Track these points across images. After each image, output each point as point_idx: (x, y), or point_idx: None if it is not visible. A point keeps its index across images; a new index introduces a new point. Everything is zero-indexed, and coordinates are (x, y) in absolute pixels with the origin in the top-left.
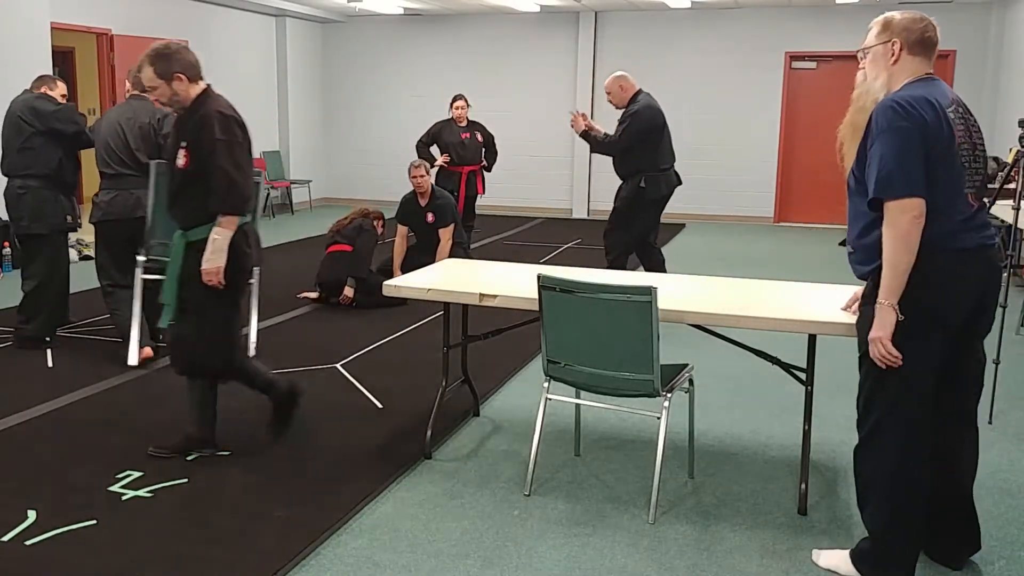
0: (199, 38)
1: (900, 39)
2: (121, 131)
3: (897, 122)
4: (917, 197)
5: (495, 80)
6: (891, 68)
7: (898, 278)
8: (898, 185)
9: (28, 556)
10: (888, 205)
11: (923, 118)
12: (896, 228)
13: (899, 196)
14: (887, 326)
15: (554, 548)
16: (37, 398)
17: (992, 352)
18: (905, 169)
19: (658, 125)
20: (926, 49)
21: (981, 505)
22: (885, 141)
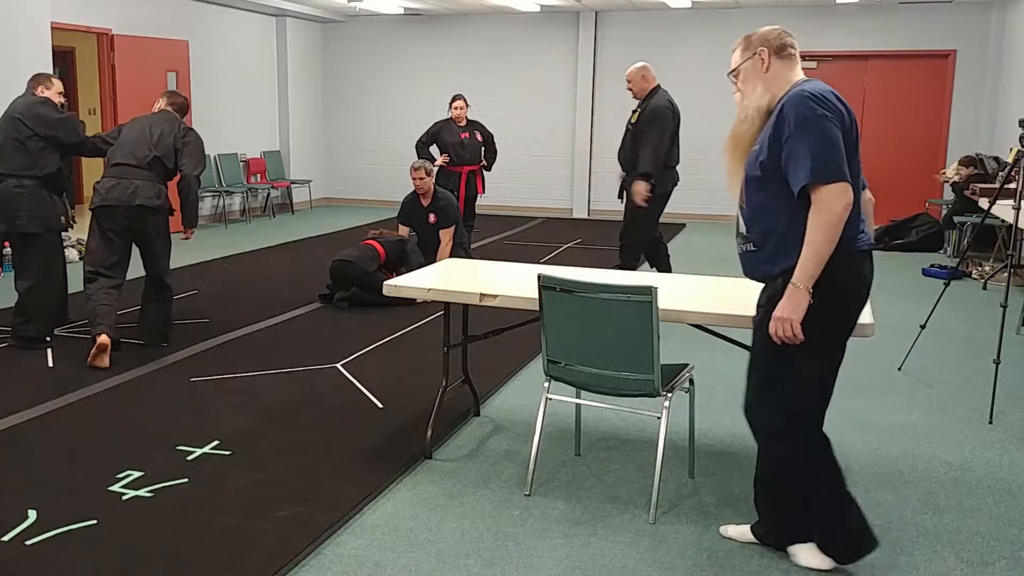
0: (199, 38)
1: (765, 47)
2: (148, 132)
3: (818, 111)
4: (848, 182)
5: (495, 80)
6: (766, 76)
7: (820, 265)
8: (832, 170)
9: (28, 556)
10: (823, 190)
11: (839, 110)
12: (831, 213)
13: (833, 180)
14: (800, 309)
15: (554, 548)
16: (37, 398)
17: (992, 352)
18: (835, 154)
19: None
20: (789, 54)
21: (981, 505)
22: (810, 130)
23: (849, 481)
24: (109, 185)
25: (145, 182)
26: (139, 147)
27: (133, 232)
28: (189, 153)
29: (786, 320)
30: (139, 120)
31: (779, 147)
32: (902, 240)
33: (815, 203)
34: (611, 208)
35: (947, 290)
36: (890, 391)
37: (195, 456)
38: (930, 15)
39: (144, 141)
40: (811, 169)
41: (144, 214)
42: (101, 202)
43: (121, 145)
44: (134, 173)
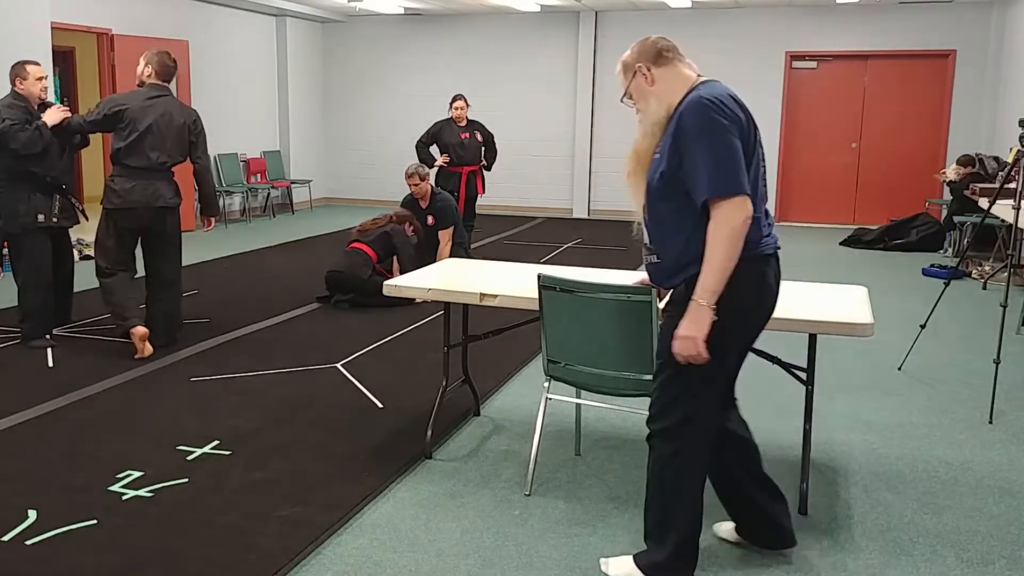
0: (199, 38)
1: (643, 62)
2: (157, 130)
3: (716, 119)
4: (746, 195)
5: (495, 80)
6: (655, 89)
7: (722, 280)
8: (731, 183)
9: (28, 556)
10: (722, 204)
11: (737, 116)
12: (730, 227)
13: (735, 193)
14: (704, 326)
15: (554, 548)
16: (37, 398)
17: (992, 351)
18: (733, 166)
19: None
20: (668, 58)
21: (981, 505)
22: (708, 139)
23: (849, 481)
24: (128, 186)
25: (164, 183)
26: (158, 150)
27: (149, 232)
28: (203, 144)
29: (688, 338)
30: (147, 113)
31: (679, 157)
32: (902, 240)
33: (714, 217)
34: (611, 208)
35: (947, 290)
36: (890, 391)
37: (195, 456)
38: (930, 15)
39: (162, 145)
40: (709, 183)
41: (164, 214)
42: (122, 204)
43: (137, 147)
44: (154, 175)
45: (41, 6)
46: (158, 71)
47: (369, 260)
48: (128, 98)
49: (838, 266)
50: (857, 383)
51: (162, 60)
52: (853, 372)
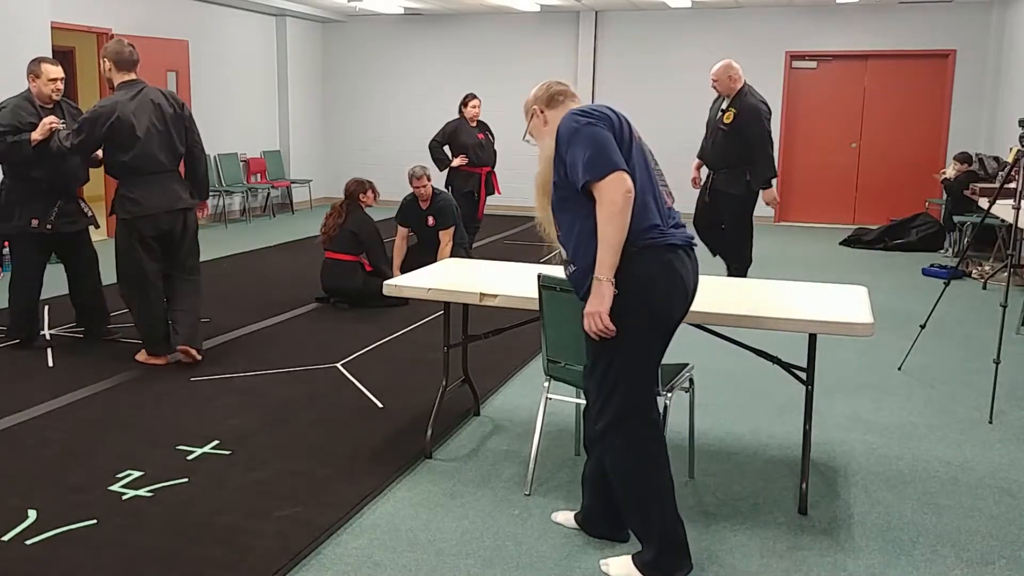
0: (199, 38)
1: (538, 105)
2: (157, 130)
3: (583, 121)
4: (623, 171)
5: (495, 80)
6: (549, 128)
7: (615, 254)
8: (605, 163)
9: (28, 556)
10: (600, 184)
11: (605, 115)
12: (612, 204)
13: (608, 172)
14: (605, 300)
15: (554, 548)
16: (37, 398)
17: (992, 351)
18: (605, 150)
19: None
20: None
21: (981, 505)
22: (579, 137)
23: (849, 481)
24: (145, 193)
25: (178, 183)
26: (164, 151)
27: (170, 237)
28: (196, 129)
29: (593, 314)
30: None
31: (563, 166)
32: (902, 240)
33: (597, 199)
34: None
35: (947, 290)
36: (890, 391)
37: (195, 456)
38: (930, 15)
39: (166, 144)
40: (584, 168)
41: (184, 214)
42: (143, 212)
43: (145, 153)
44: (167, 177)
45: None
46: (116, 62)
47: (354, 266)
48: (113, 106)
49: (838, 266)
50: (857, 383)
51: (116, 50)
52: (853, 372)
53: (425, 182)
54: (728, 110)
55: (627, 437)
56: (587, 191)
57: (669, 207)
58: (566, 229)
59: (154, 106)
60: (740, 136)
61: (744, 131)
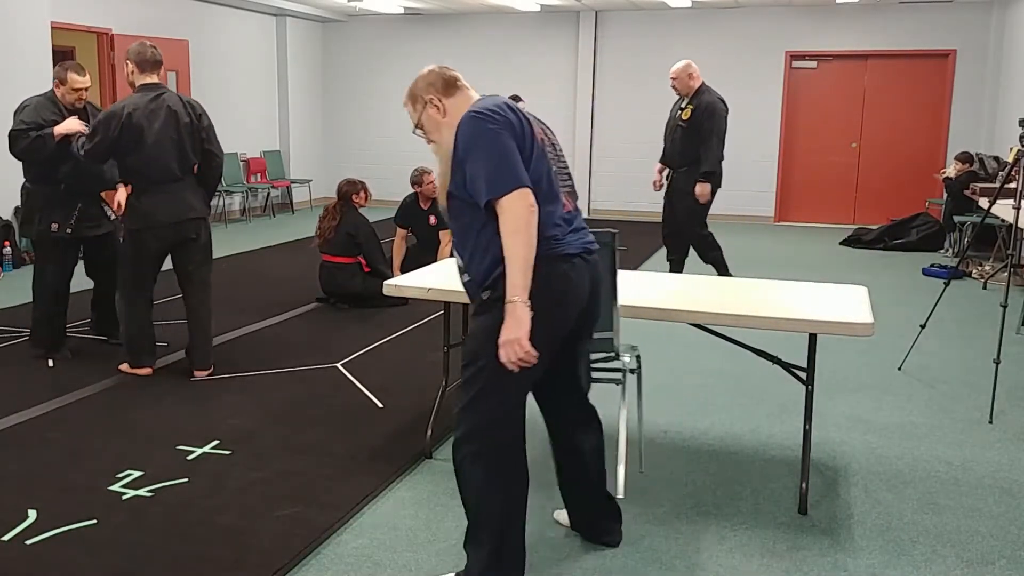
0: (199, 38)
1: (433, 94)
2: (169, 138)
3: (485, 126)
4: (526, 187)
5: (495, 80)
6: (446, 120)
7: (527, 273)
8: (508, 179)
9: (28, 556)
10: (502, 203)
11: (508, 120)
12: (516, 219)
13: (511, 188)
14: (524, 324)
15: (554, 548)
16: (37, 398)
17: (992, 351)
18: (508, 164)
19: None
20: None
21: (981, 505)
22: (480, 146)
23: (849, 481)
24: (152, 204)
25: (190, 191)
26: (175, 160)
27: (183, 247)
28: (215, 135)
29: (512, 342)
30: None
31: (461, 172)
32: (902, 240)
33: (500, 216)
34: (611, 208)
35: (947, 290)
36: (890, 391)
37: (195, 456)
38: (930, 15)
39: (178, 153)
40: (488, 185)
41: (196, 224)
42: (149, 224)
43: (155, 160)
44: (178, 186)
45: (41, 6)
46: (138, 63)
47: (353, 268)
48: (124, 107)
49: (838, 266)
50: (857, 383)
51: (140, 51)
52: (853, 372)
53: (433, 178)
54: (686, 107)
55: (479, 448)
56: (489, 207)
57: (570, 211)
58: (460, 237)
59: (170, 112)
60: (698, 133)
61: (699, 127)
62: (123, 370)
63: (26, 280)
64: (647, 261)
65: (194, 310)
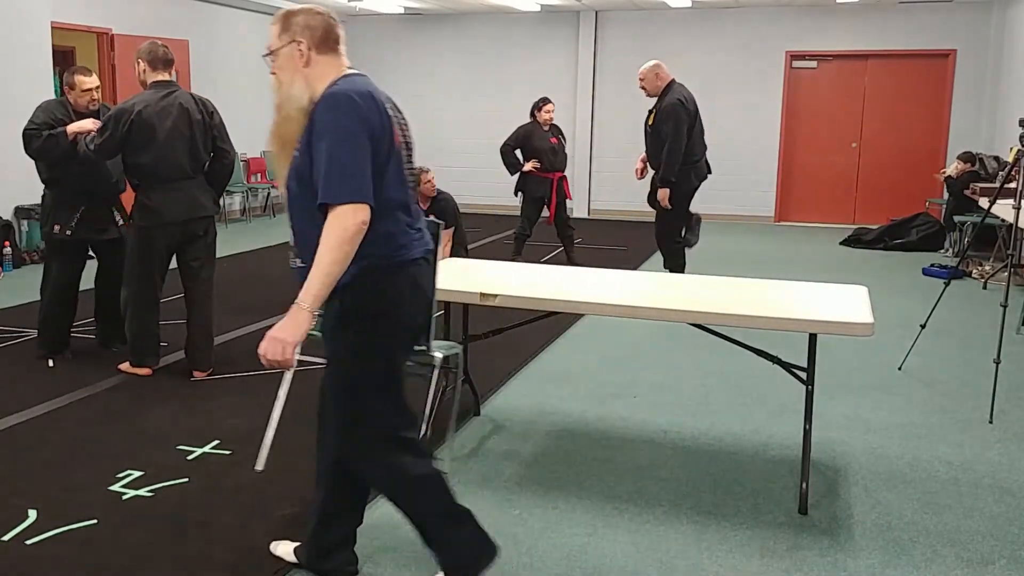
0: (199, 38)
1: (305, 39)
2: (181, 135)
3: (344, 120)
4: (367, 203)
5: (495, 80)
6: (305, 71)
7: (329, 285)
8: (350, 187)
9: (28, 556)
10: (337, 210)
11: (369, 117)
12: (342, 231)
13: (351, 200)
14: (300, 331)
15: (554, 548)
16: (37, 398)
17: (992, 351)
18: (356, 171)
19: (690, 119)
20: (334, 45)
21: (981, 505)
22: (333, 140)
23: (849, 481)
24: (163, 202)
25: (201, 189)
26: (187, 157)
27: (191, 245)
28: (226, 133)
29: (279, 340)
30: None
31: (308, 153)
32: (902, 240)
33: (328, 220)
34: (611, 208)
35: (947, 290)
36: (890, 391)
37: (195, 456)
38: (930, 15)
39: (189, 151)
40: (327, 187)
41: (205, 223)
42: (160, 222)
43: (165, 157)
44: (189, 184)
45: (41, 6)
46: (150, 62)
47: None
48: (134, 104)
49: (838, 266)
50: (857, 383)
51: (151, 50)
52: (853, 372)
53: (431, 175)
54: (651, 111)
55: (385, 463)
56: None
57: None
58: (301, 222)
59: (182, 110)
60: (660, 137)
61: (660, 131)
62: (123, 370)
63: (26, 280)
64: (647, 261)
65: (196, 309)
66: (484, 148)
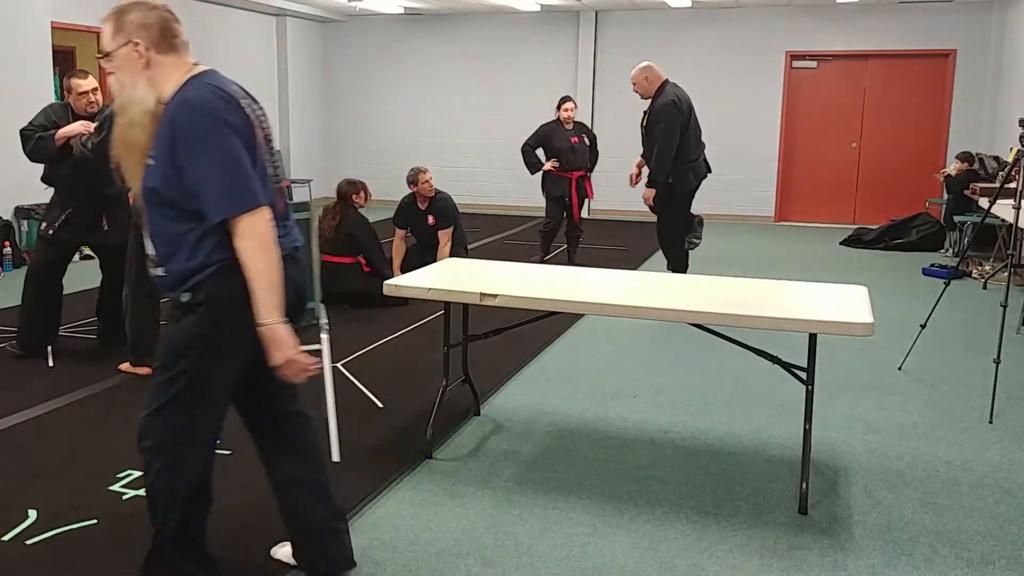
0: (199, 38)
1: (142, 39)
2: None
3: (217, 127)
4: (263, 205)
5: (495, 80)
6: (147, 72)
7: (276, 290)
8: (248, 197)
9: (28, 556)
10: (242, 222)
11: (232, 119)
12: (262, 240)
13: (249, 208)
14: (287, 343)
15: (554, 548)
16: (37, 398)
17: (992, 351)
18: (244, 179)
19: (683, 119)
20: (174, 42)
21: (981, 505)
22: (210, 150)
23: (849, 481)
24: None
25: None
26: None
27: None
28: None
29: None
30: None
31: (178, 168)
32: (902, 240)
33: (238, 233)
34: (611, 208)
35: (947, 290)
36: (890, 391)
37: None
38: (930, 15)
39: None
40: (223, 202)
41: None
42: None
43: None
44: None
45: (41, 6)
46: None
47: (353, 268)
48: None
49: (838, 266)
50: (857, 383)
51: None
52: (853, 372)
53: (429, 176)
54: (646, 112)
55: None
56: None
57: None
58: (160, 231)
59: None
60: (653, 138)
61: (652, 132)
62: (123, 369)
63: None
64: (647, 261)
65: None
66: (484, 148)
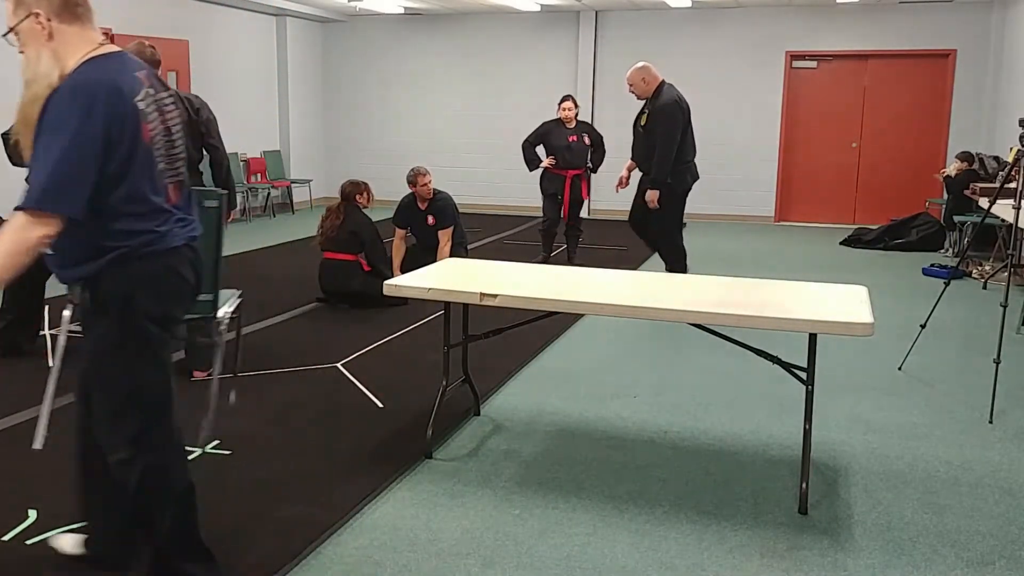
0: (199, 38)
1: (42, 9)
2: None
3: (77, 118)
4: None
5: (495, 80)
6: (51, 44)
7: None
8: (55, 198)
9: (28, 556)
10: (28, 215)
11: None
12: (25, 243)
13: (47, 210)
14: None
15: (554, 548)
16: (37, 398)
17: (992, 351)
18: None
19: (684, 120)
20: (79, 11)
21: (981, 505)
22: (59, 142)
23: (849, 481)
24: None
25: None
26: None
27: None
28: (215, 128)
29: None
30: None
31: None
32: (902, 240)
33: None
34: (611, 208)
35: (947, 290)
36: (890, 391)
37: (195, 456)
38: (930, 15)
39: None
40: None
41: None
42: None
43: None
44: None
45: None
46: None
47: (354, 266)
48: None
49: (838, 266)
50: (857, 383)
51: (137, 51)
52: (853, 372)
53: (428, 179)
54: (643, 112)
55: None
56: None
57: (175, 203)
58: None
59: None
60: (653, 138)
61: (653, 132)
62: None
63: None
64: (647, 261)
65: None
66: (484, 148)
